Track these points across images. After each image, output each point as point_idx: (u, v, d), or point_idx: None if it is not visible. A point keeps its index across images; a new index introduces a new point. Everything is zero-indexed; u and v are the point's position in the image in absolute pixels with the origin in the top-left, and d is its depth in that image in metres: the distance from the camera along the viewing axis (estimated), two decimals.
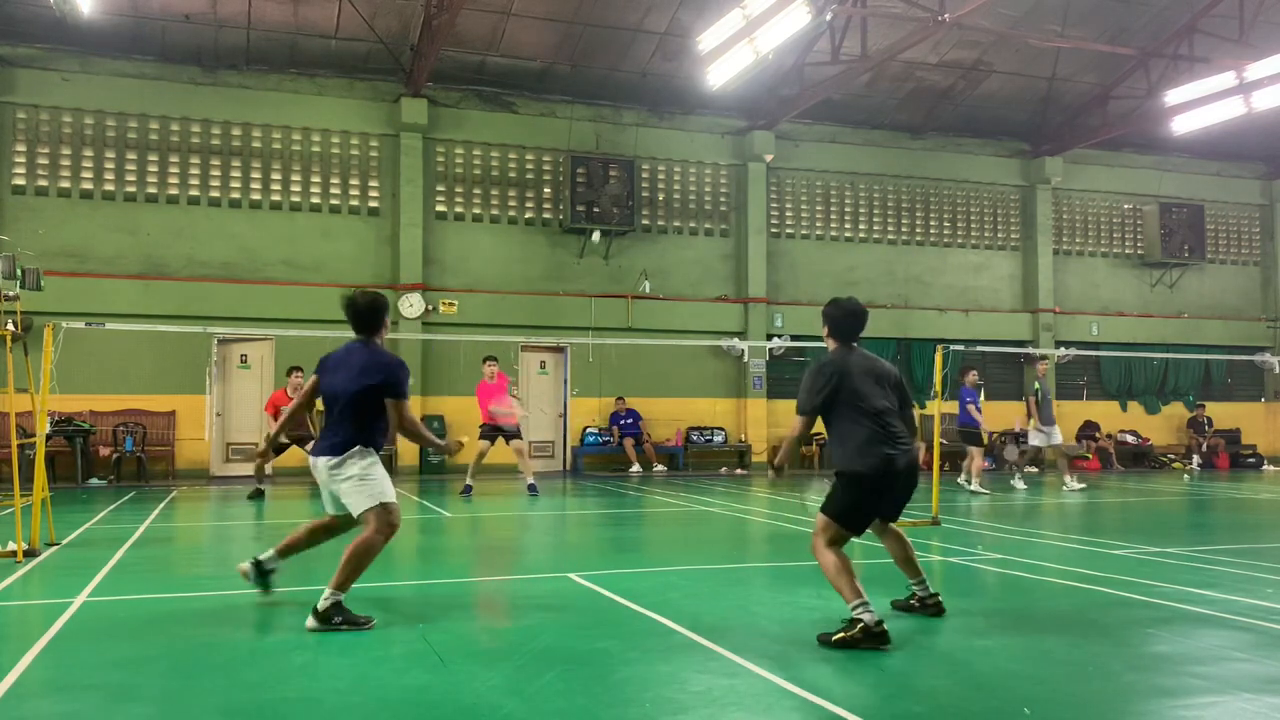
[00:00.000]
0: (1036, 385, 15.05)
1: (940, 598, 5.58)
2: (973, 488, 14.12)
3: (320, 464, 5.48)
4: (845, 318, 5.59)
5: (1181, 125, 19.32)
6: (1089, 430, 21.68)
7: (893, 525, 5.57)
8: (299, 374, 13.20)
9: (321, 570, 5.74)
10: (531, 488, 13.69)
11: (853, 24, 17.26)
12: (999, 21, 17.64)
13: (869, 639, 4.76)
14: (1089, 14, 18.55)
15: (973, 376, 14.97)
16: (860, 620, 4.80)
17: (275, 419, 12.89)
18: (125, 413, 16.66)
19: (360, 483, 5.39)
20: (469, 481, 13.72)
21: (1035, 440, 15.24)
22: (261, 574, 5.85)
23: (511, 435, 13.47)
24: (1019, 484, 15.23)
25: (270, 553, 5.86)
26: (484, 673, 4.36)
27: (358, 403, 5.44)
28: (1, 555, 7.52)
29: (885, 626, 4.82)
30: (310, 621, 5.18)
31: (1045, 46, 18.66)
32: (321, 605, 5.21)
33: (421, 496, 13.96)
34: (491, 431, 13.49)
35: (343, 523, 5.70)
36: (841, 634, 4.82)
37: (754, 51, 15.05)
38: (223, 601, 6.32)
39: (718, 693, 4.11)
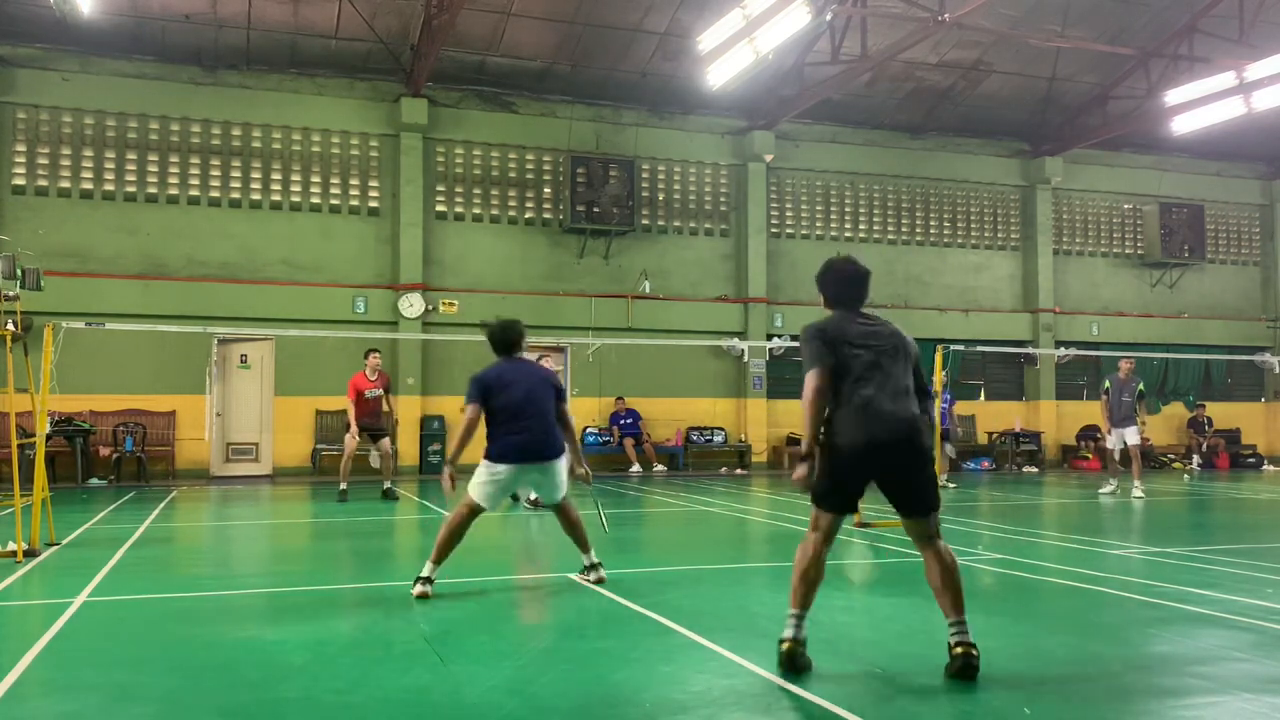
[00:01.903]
0: (1107, 384, 14.40)
1: (974, 654, 4.28)
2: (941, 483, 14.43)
3: (553, 465, 6.36)
4: (834, 280, 4.82)
5: (1181, 125, 19.32)
6: (1089, 431, 21.68)
7: (930, 534, 4.55)
8: (376, 355, 13.08)
9: (324, 570, 5.71)
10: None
11: (853, 24, 17.26)
12: (999, 21, 17.64)
13: (781, 659, 4.30)
14: (1089, 14, 18.55)
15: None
16: (781, 636, 4.35)
17: (356, 403, 12.74)
18: (125, 413, 16.66)
19: (562, 476, 6.46)
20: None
21: (1111, 442, 14.43)
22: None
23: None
24: (1136, 491, 13.71)
25: (434, 569, 6.26)
26: (484, 673, 4.36)
27: (551, 407, 6.37)
28: (1, 555, 7.52)
29: (795, 649, 4.29)
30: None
31: (1045, 46, 18.66)
32: (597, 557, 6.57)
33: (421, 496, 13.96)
34: None
35: (473, 512, 6.40)
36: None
37: (754, 51, 15.05)
38: (223, 601, 6.33)
39: (718, 693, 4.11)
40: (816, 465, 4.41)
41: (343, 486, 12.95)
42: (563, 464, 6.43)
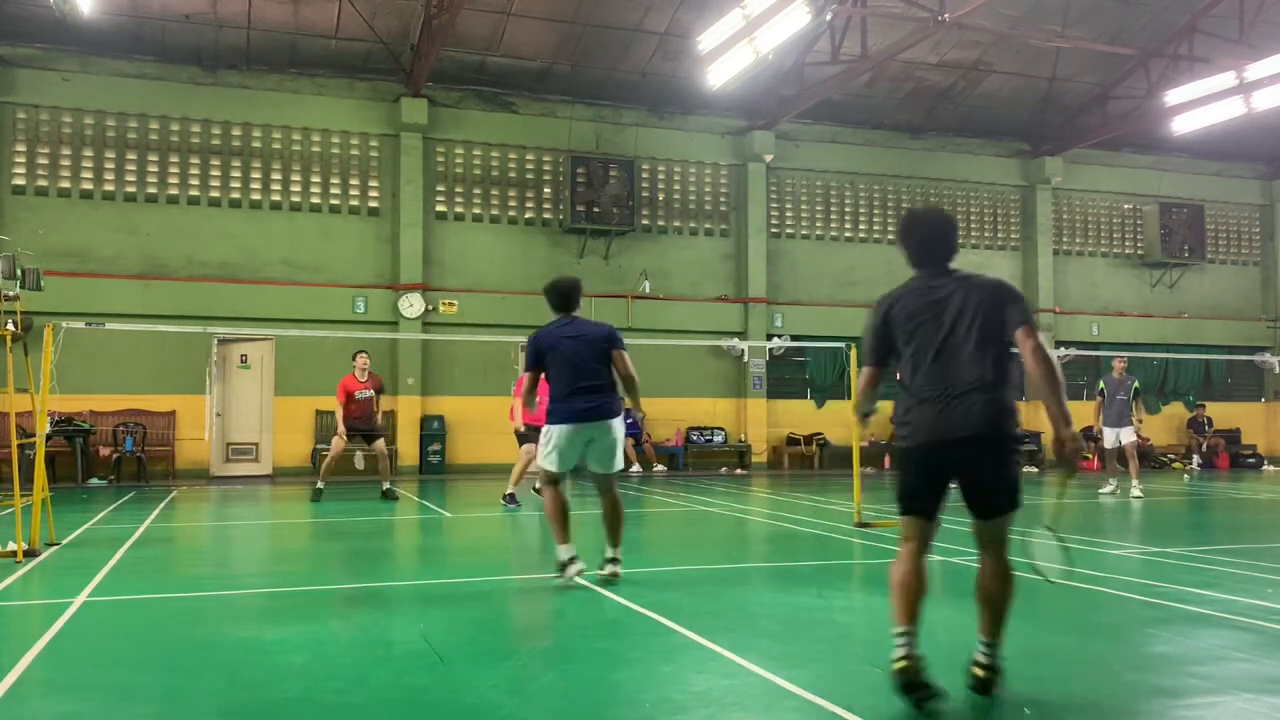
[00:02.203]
0: (1102, 384, 14.33)
1: (994, 678, 3.96)
2: None
3: (606, 425, 6.28)
4: (913, 233, 4.09)
5: (1181, 125, 19.32)
6: (1088, 431, 21.65)
7: (988, 541, 4.02)
8: (365, 355, 12.99)
9: (325, 570, 5.71)
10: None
11: (853, 24, 17.26)
12: (999, 21, 17.64)
13: (898, 683, 3.79)
14: (1089, 14, 18.55)
15: None
16: (892, 657, 3.82)
17: (345, 404, 12.70)
18: (125, 413, 16.67)
19: (617, 442, 6.39)
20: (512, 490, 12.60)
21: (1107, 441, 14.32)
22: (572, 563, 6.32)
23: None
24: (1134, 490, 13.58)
25: (570, 548, 6.30)
26: (484, 673, 4.36)
27: (604, 367, 6.33)
28: (1, 555, 7.52)
29: (914, 667, 3.74)
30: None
31: (1045, 46, 18.66)
32: (620, 555, 6.42)
33: (421, 496, 13.96)
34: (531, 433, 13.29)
35: (555, 482, 6.43)
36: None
37: (754, 51, 15.05)
38: (223, 601, 6.32)
39: (718, 693, 4.11)
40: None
41: (320, 485, 12.91)
42: (618, 428, 6.37)
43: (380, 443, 13.05)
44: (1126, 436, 13.95)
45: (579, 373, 6.28)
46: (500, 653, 4.76)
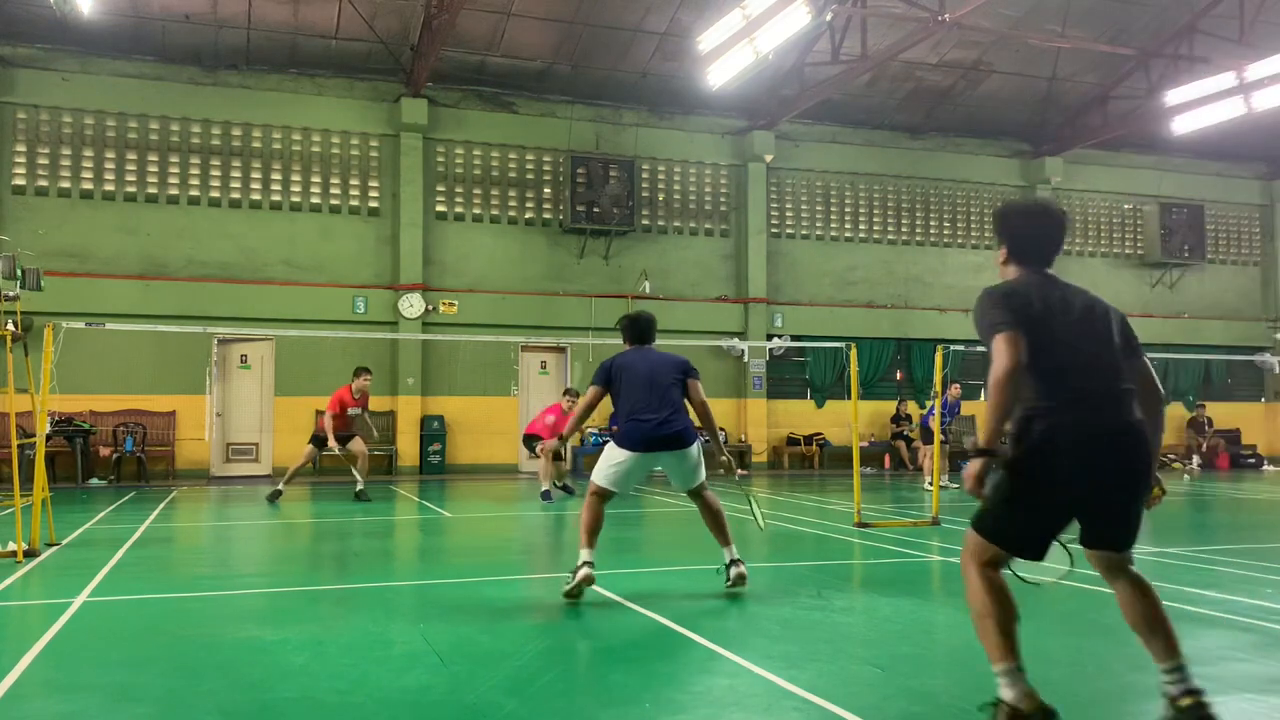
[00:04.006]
0: None
1: (1203, 701, 3.38)
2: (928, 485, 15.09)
3: (683, 453, 6.21)
4: (1027, 226, 3.62)
5: (1181, 125, 19.31)
6: None
7: (1127, 565, 3.60)
8: (368, 377, 12.95)
9: (324, 570, 5.70)
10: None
11: (853, 24, 17.26)
12: (999, 21, 17.64)
13: None
14: (1089, 14, 18.54)
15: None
16: (1002, 699, 3.31)
17: (336, 417, 12.70)
18: (125, 413, 16.66)
19: (694, 463, 6.32)
20: (547, 485, 12.83)
21: None
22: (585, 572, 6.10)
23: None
24: None
25: (590, 553, 6.09)
26: (484, 673, 4.35)
27: (678, 395, 6.27)
28: (1, 555, 7.52)
29: (1045, 707, 3.30)
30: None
31: (1045, 46, 18.66)
32: (737, 553, 6.33)
33: (421, 497, 13.96)
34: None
35: (602, 497, 6.24)
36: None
37: (754, 51, 15.05)
38: (223, 601, 6.32)
39: (718, 693, 4.11)
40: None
41: (280, 488, 12.93)
42: (695, 451, 6.26)
43: (358, 441, 13.02)
44: None
45: (652, 395, 6.16)
46: (500, 653, 4.76)
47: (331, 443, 12.62)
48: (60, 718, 3.84)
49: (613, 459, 6.20)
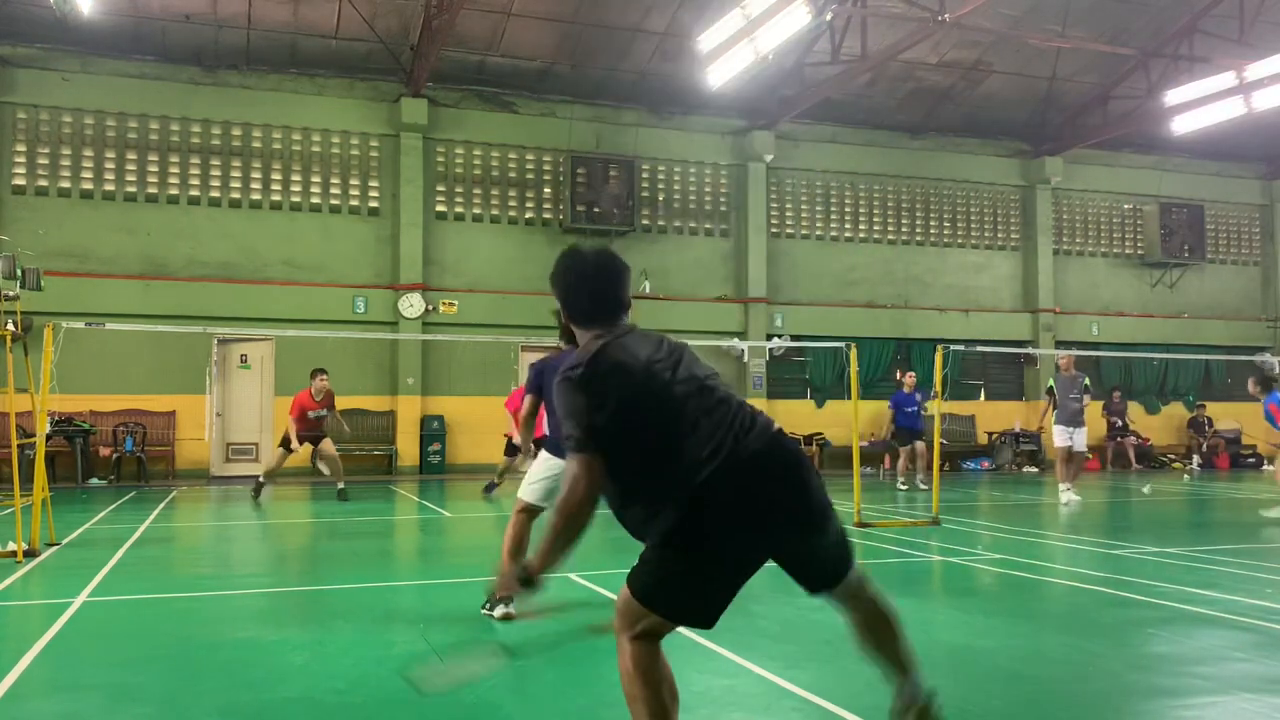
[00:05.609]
0: (1051, 383, 13.81)
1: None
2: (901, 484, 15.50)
3: None
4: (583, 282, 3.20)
5: (1181, 125, 19.31)
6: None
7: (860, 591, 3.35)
8: (324, 377, 13.03)
9: (324, 570, 5.70)
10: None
11: (853, 24, 17.25)
12: (999, 21, 17.64)
13: None
14: (1089, 14, 18.54)
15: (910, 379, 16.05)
16: None
17: (298, 421, 12.83)
18: (125, 413, 16.66)
19: None
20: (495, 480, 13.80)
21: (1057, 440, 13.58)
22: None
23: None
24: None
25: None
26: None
27: None
28: (1, 555, 7.52)
29: None
30: None
31: (1045, 46, 18.66)
32: None
33: (421, 497, 13.96)
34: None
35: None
36: None
37: (754, 52, 15.04)
38: (223, 601, 6.32)
39: (718, 693, 4.11)
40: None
41: (261, 480, 13.26)
42: None
43: (326, 442, 13.18)
44: (1080, 440, 13.17)
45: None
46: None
47: (295, 445, 12.80)
48: (60, 718, 3.84)
49: (544, 471, 5.58)
